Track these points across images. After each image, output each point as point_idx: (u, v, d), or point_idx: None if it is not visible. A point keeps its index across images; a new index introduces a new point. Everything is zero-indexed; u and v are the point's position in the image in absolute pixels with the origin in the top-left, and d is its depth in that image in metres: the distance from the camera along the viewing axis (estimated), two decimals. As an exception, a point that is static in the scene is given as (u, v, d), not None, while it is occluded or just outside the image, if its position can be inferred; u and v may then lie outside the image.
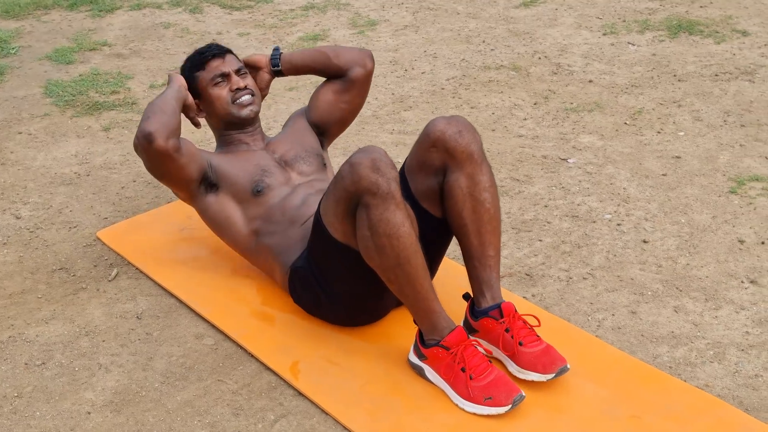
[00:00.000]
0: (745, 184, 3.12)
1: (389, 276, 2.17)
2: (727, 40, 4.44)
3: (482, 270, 2.33)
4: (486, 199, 2.31)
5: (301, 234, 2.50)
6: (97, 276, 2.76)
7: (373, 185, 2.10)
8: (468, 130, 2.31)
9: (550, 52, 4.42)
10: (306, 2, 5.43)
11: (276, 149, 2.71)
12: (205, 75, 2.66)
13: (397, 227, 2.11)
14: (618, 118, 3.68)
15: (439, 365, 2.20)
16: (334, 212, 2.21)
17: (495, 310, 2.29)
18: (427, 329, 2.21)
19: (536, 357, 2.22)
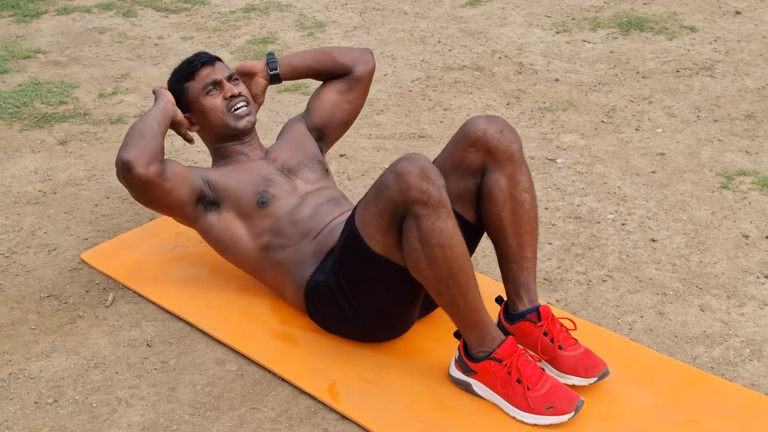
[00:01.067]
0: (734, 179, 3.16)
1: (440, 288, 2.08)
2: (678, 36, 4.52)
3: (520, 273, 2.27)
4: (526, 200, 2.26)
5: (313, 248, 2.39)
6: (91, 302, 2.58)
7: (423, 194, 2.01)
8: (509, 130, 2.25)
9: (509, 52, 4.40)
10: (245, 4, 5.27)
11: (277, 157, 2.58)
12: (196, 85, 2.52)
13: (449, 236, 2.03)
14: (594, 117, 3.68)
15: (491, 379, 2.12)
16: (377, 224, 2.11)
17: (533, 314, 2.24)
18: (476, 341, 2.13)
19: (577, 360, 2.18)
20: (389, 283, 2.19)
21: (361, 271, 2.21)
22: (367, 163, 3.35)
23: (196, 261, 2.74)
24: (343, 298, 2.26)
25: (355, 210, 2.20)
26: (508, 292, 2.30)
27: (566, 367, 2.18)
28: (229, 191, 2.46)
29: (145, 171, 2.27)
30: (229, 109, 2.50)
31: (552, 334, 2.21)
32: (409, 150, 3.44)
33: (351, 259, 2.22)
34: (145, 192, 2.34)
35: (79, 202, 3.11)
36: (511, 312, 2.28)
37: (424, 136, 3.56)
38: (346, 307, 2.27)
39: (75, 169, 3.35)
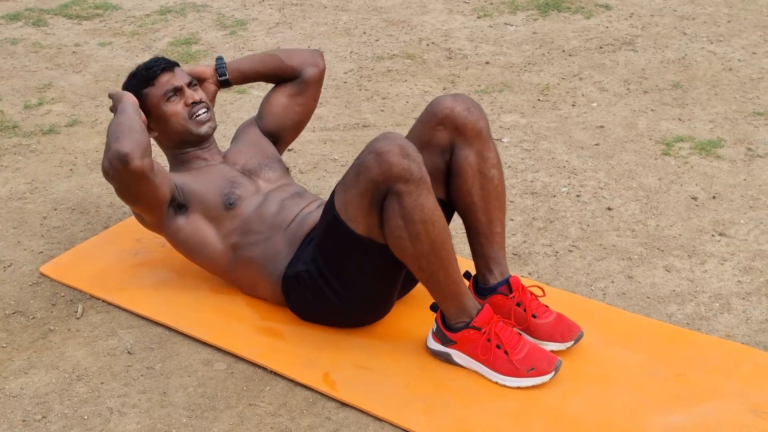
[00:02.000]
0: (673, 145, 3.29)
1: (421, 263, 2.11)
2: (595, 15, 4.66)
3: (489, 247, 2.32)
4: (494, 176, 2.31)
5: (285, 240, 2.39)
6: (60, 315, 2.51)
7: (405, 171, 2.04)
8: (475, 107, 2.29)
9: (435, 39, 4.46)
10: (159, 6, 5.18)
11: (236, 160, 2.58)
12: (156, 91, 2.49)
13: (431, 212, 2.06)
14: (530, 96, 3.76)
15: (471, 347, 2.17)
16: (358, 206, 2.12)
17: (504, 286, 2.30)
18: (455, 312, 2.18)
19: (552, 327, 2.24)
20: (373, 263, 2.21)
21: (344, 255, 2.22)
22: (316, 156, 3.35)
23: (162, 265, 2.70)
24: (326, 285, 2.27)
25: (333, 196, 2.21)
26: (479, 266, 2.35)
27: (542, 334, 2.24)
28: (196, 195, 2.45)
29: (140, 163, 2.22)
30: (191, 116, 2.49)
31: (524, 304, 2.27)
32: (356, 140, 3.45)
33: (333, 244, 2.22)
34: (137, 186, 2.28)
35: (25, 216, 3.02)
36: (482, 286, 2.33)
37: (367, 126, 3.58)
38: (329, 294, 2.28)
39: (14, 183, 3.24)
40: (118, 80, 4.16)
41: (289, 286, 2.36)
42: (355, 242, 2.16)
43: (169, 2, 5.26)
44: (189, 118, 2.49)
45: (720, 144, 3.27)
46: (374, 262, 2.21)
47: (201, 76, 2.63)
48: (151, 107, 2.49)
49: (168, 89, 2.48)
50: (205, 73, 2.64)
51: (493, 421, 2.06)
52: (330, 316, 2.36)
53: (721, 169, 3.11)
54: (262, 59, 2.69)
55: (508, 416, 2.07)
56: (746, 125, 3.42)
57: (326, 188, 3.10)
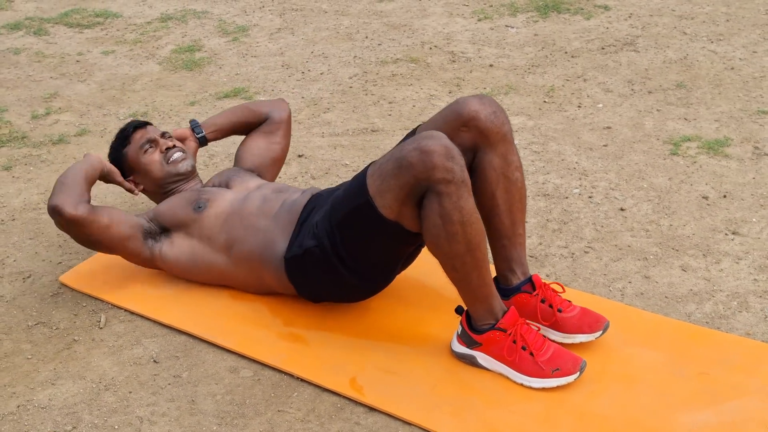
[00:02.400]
0: (681, 145, 3.32)
1: (455, 263, 2.14)
2: (595, 16, 4.69)
3: (512, 248, 2.36)
4: (518, 179, 2.34)
5: (277, 225, 2.45)
6: (83, 325, 2.53)
7: (448, 173, 2.07)
8: (501, 111, 2.32)
9: (437, 42, 4.48)
10: (160, 14, 5.19)
11: (210, 184, 2.76)
12: (133, 147, 2.74)
13: (470, 214, 2.10)
14: (536, 98, 3.79)
15: (497, 348, 2.20)
16: (396, 196, 2.14)
17: (527, 284, 2.33)
18: (482, 314, 2.21)
19: (578, 319, 2.28)
20: (394, 243, 2.26)
21: (366, 234, 2.24)
22: (327, 161, 3.37)
23: (181, 273, 2.71)
24: (338, 259, 2.29)
25: (363, 178, 2.21)
26: (501, 268, 2.38)
27: (570, 327, 2.28)
28: (167, 213, 2.61)
29: (73, 211, 2.43)
30: (167, 160, 2.70)
31: (549, 300, 2.30)
32: (366, 145, 3.47)
33: (359, 224, 2.23)
34: (82, 231, 2.48)
35: (41, 227, 3.03)
36: (505, 287, 2.36)
37: (376, 130, 3.60)
38: (341, 268, 2.30)
39: (28, 194, 3.25)
40: (123, 89, 4.17)
41: (294, 266, 2.38)
42: (384, 226, 2.19)
43: (169, 9, 5.27)
44: (166, 163, 2.70)
45: (727, 143, 3.30)
46: (395, 244, 2.26)
47: (182, 136, 2.85)
48: (132, 163, 2.74)
49: (143, 143, 2.72)
50: (185, 134, 2.87)
51: (520, 422, 2.09)
52: (340, 290, 2.39)
53: (729, 168, 3.15)
54: (233, 112, 2.95)
55: (535, 417, 2.10)
56: (752, 124, 3.45)
57: (339, 194, 3.12)
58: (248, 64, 4.38)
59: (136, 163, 2.72)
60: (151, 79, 4.28)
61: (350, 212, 2.26)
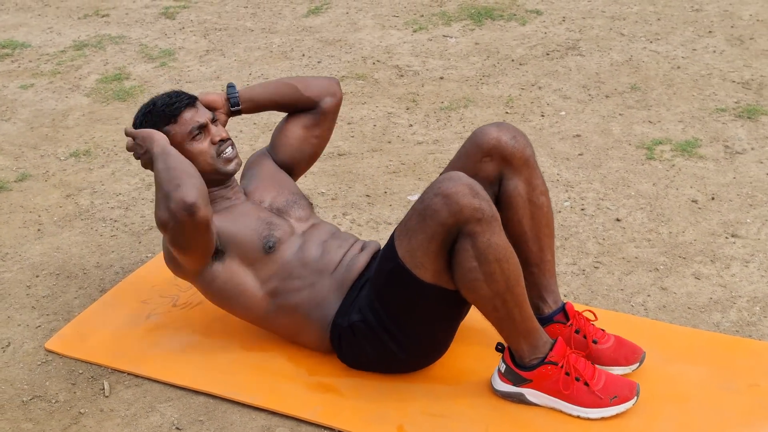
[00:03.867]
0: (654, 149, 3.34)
1: (496, 304, 2.05)
2: (529, 21, 4.69)
3: (542, 276, 2.29)
4: (544, 204, 2.27)
5: (333, 286, 2.28)
6: (86, 395, 2.32)
7: (477, 212, 1.97)
8: (521, 135, 2.24)
9: (378, 56, 4.39)
10: (72, 41, 4.91)
11: (262, 198, 2.44)
12: (179, 129, 2.32)
13: (505, 249, 2.01)
14: (496, 109, 3.75)
15: (550, 383, 2.12)
16: (426, 251, 2.04)
17: (560, 314, 2.27)
18: (528, 350, 2.12)
19: (614, 351, 2.23)
20: (439, 309, 2.14)
21: (408, 303, 2.13)
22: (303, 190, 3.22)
23: (180, 327, 2.53)
24: (386, 334, 2.18)
25: (392, 242, 2.11)
26: (531, 296, 2.28)
27: (606, 359, 2.22)
28: (233, 239, 2.29)
29: (206, 212, 2.10)
30: (219, 154, 2.35)
31: (583, 331, 2.24)
32: (337, 170, 3.35)
33: (397, 292, 2.13)
34: (198, 236, 2.15)
35: (6, 287, 2.78)
36: (537, 316, 2.28)
37: (343, 154, 3.48)
38: (389, 343, 2.19)
39: (-20, 251, 2.98)
40: (55, 125, 3.90)
41: (341, 336, 2.25)
42: (422, 290, 2.08)
43: (81, 36, 5.00)
44: (216, 157, 2.34)
45: (697, 144, 3.34)
46: (440, 308, 2.13)
47: (213, 105, 2.44)
48: (175, 146, 2.30)
49: (193, 127, 2.32)
50: (217, 102, 2.45)
51: (586, 456, 2.02)
52: (387, 364, 2.26)
53: (708, 169, 3.18)
54: (277, 88, 2.53)
55: (600, 449, 2.04)
56: (714, 122, 3.50)
57: (324, 225, 2.99)
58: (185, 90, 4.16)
59: (180, 148, 2.29)
60: (82, 113, 4.02)
61: (386, 280, 2.14)
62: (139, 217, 3.12)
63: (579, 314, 2.26)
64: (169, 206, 2.08)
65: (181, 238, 2.16)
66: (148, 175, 3.37)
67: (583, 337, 2.23)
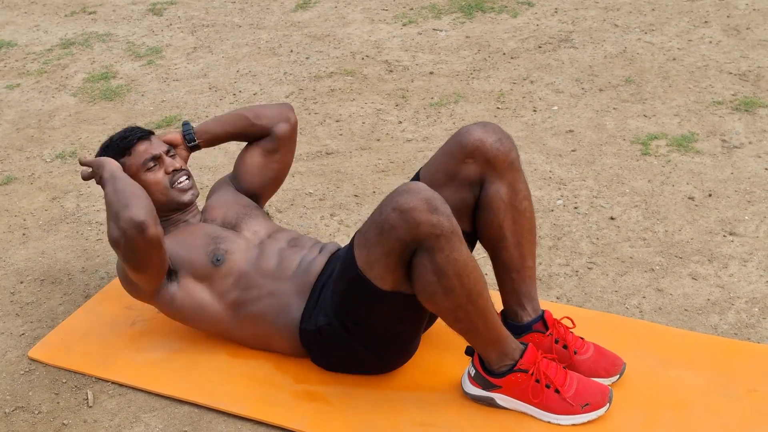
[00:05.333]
0: (649, 144, 3.28)
1: (458, 315, 2.00)
2: (521, 13, 4.63)
3: (521, 282, 2.23)
4: (526, 209, 2.21)
5: (293, 290, 2.26)
6: (69, 405, 2.27)
7: (435, 228, 1.91)
8: (506, 137, 2.19)
9: (368, 51, 4.32)
10: (59, 39, 4.83)
11: (215, 217, 2.46)
12: (134, 161, 2.39)
13: (465, 264, 1.94)
14: (487, 104, 3.69)
15: (520, 390, 2.07)
16: (384, 264, 1.98)
17: (539, 323, 2.21)
18: (497, 357, 2.07)
19: (594, 362, 2.17)
20: (401, 313, 2.10)
21: (370, 309, 2.09)
22: (288, 192, 3.17)
23: (165, 333, 2.48)
24: (352, 337, 2.14)
25: (351, 249, 2.06)
26: (509, 302, 2.25)
27: (585, 370, 2.15)
28: (182, 257, 2.32)
29: (156, 230, 2.14)
30: (172, 184, 2.40)
31: (563, 340, 2.19)
32: (324, 169, 3.29)
33: (357, 299, 2.08)
34: (150, 254, 2.18)
35: (-11, 294, 2.72)
36: (515, 323, 2.22)
37: (331, 153, 3.42)
38: (356, 345, 2.15)
39: (-38, 257, 2.92)
40: (41, 126, 3.84)
41: (310, 339, 2.22)
42: (382, 297, 2.03)
43: (68, 34, 4.92)
44: (171, 187, 2.39)
45: (694, 138, 3.28)
46: (402, 312, 2.10)
47: (172, 143, 2.51)
48: (130, 176, 2.34)
49: (147, 158, 2.38)
50: (176, 140, 2.52)
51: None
52: (358, 365, 2.23)
53: (704, 164, 3.12)
54: (230, 121, 2.56)
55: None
56: (710, 116, 3.44)
57: (311, 226, 2.94)
58: (172, 89, 4.11)
59: (135, 179, 2.33)
60: (69, 113, 3.95)
61: (347, 288, 2.10)
62: (124, 220, 3.06)
63: (558, 322, 2.20)
64: (120, 225, 2.12)
65: (133, 256, 2.18)
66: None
67: (564, 347, 2.18)
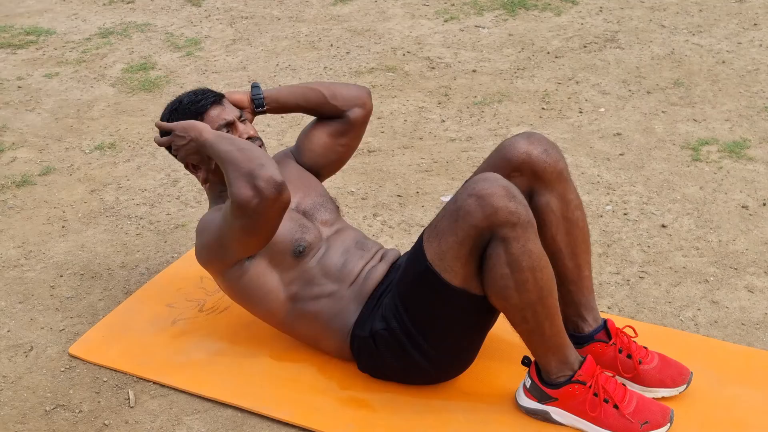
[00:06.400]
0: (700, 149, 3.20)
1: (525, 314, 1.94)
2: (565, 11, 4.55)
3: (580, 293, 2.17)
4: (579, 218, 2.15)
5: (352, 296, 2.20)
6: (110, 405, 2.23)
7: (512, 215, 1.86)
8: (552, 147, 2.13)
9: (409, 47, 4.26)
10: (97, 29, 4.81)
11: None
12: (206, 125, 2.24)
13: (539, 258, 1.90)
14: (532, 105, 3.62)
15: (577, 403, 2.01)
16: (456, 254, 1.93)
17: (601, 332, 2.15)
18: (556, 366, 2.01)
19: (660, 371, 2.11)
20: (466, 316, 2.04)
21: (435, 308, 2.03)
22: (331, 189, 3.11)
23: (207, 334, 2.44)
24: (410, 342, 2.08)
25: (421, 245, 2.00)
26: (569, 314, 2.18)
27: (651, 380, 2.10)
28: None
29: (289, 193, 2.03)
30: None
31: (627, 350, 2.13)
32: (367, 168, 3.24)
33: (423, 297, 2.02)
34: (276, 219, 2.07)
35: (30, 287, 2.69)
36: (577, 334, 2.17)
37: (373, 150, 3.37)
38: (413, 352, 2.09)
39: (2, 248, 2.90)
40: (79, 116, 3.81)
41: (361, 346, 2.16)
42: (450, 295, 1.97)
43: (106, 23, 4.90)
44: None
45: (746, 145, 3.20)
46: (468, 315, 2.04)
47: (239, 104, 2.36)
48: None
49: (220, 124, 2.25)
50: (243, 102, 2.37)
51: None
52: (410, 374, 2.17)
53: (758, 172, 3.04)
54: (304, 93, 2.43)
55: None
56: (763, 122, 3.36)
57: (354, 226, 2.88)
58: (210, 81, 4.07)
59: None
60: (107, 104, 3.92)
61: (412, 285, 2.04)
62: (164, 214, 3.03)
63: (621, 331, 2.14)
64: (257, 184, 1.98)
65: (259, 217, 2.04)
66: (173, 171, 3.27)
67: (628, 356, 2.12)
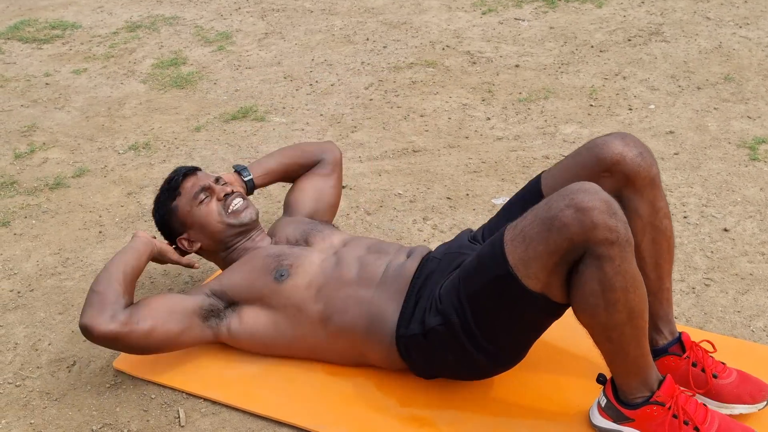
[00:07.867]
0: (757, 148, 3.08)
1: (611, 334, 1.84)
2: (606, 3, 4.43)
3: (659, 305, 2.08)
4: (666, 228, 2.05)
5: (384, 296, 2.13)
6: (160, 424, 2.14)
7: (612, 233, 1.76)
8: (647, 151, 2.03)
9: (448, 41, 4.15)
10: (124, 22, 4.72)
11: (280, 239, 2.39)
12: (184, 199, 2.37)
13: (634, 278, 1.80)
14: (579, 101, 3.51)
15: (655, 425, 1.90)
16: (543, 264, 1.82)
17: (675, 346, 2.05)
18: (636, 386, 1.91)
19: (738, 386, 2.01)
20: (534, 317, 1.95)
21: (507, 310, 1.93)
22: (376, 192, 3.02)
23: (254, 347, 2.34)
24: (467, 336, 1.98)
25: (501, 245, 1.89)
26: None
27: (728, 396, 2.00)
28: (241, 286, 2.24)
29: (106, 328, 2.06)
30: (226, 209, 2.34)
31: (701, 364, 2.02)
32: (413, 168, 3.13)
33: (495, 298, 1.92)
34: (123, 345, 2.12)
35: (69, 297, 2.61)
36: (651, 348, 2.06)
37: (418, 150, 3.26)
38: (469, 346, 1.99)
39: (39, 255, 2.81)
40: (111, 115, 3.72)
41: (409, 345, 2.07)
42: (528, 300, 1.88)
43: (133, 16, 4.80)
44: (225, 213, 2.34)
45: (805, 143, 3.08)
46: (537, 317, 1.95)
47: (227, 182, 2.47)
48: (184, 218, 2.36)
49: (196, 192, 2.35)
50: (230, 179, 2.53)
51: None
52: (464, 369, 2.08)
53: (820, 172, 2.92)
54: (282, 152, 2.65)
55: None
56: (820, 119, 3.24)
57: (404, 231, 2.78)
58: (245, 77, 3.97)
59: (190, 218, 2.33)
60: (139, 101, 3.83)
61: (486, 285, 1.93)
62: (205, 219, 2.93)
63: (696, 345, 2.04)
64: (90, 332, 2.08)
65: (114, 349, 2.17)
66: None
67: (702, 370, 2.01)
